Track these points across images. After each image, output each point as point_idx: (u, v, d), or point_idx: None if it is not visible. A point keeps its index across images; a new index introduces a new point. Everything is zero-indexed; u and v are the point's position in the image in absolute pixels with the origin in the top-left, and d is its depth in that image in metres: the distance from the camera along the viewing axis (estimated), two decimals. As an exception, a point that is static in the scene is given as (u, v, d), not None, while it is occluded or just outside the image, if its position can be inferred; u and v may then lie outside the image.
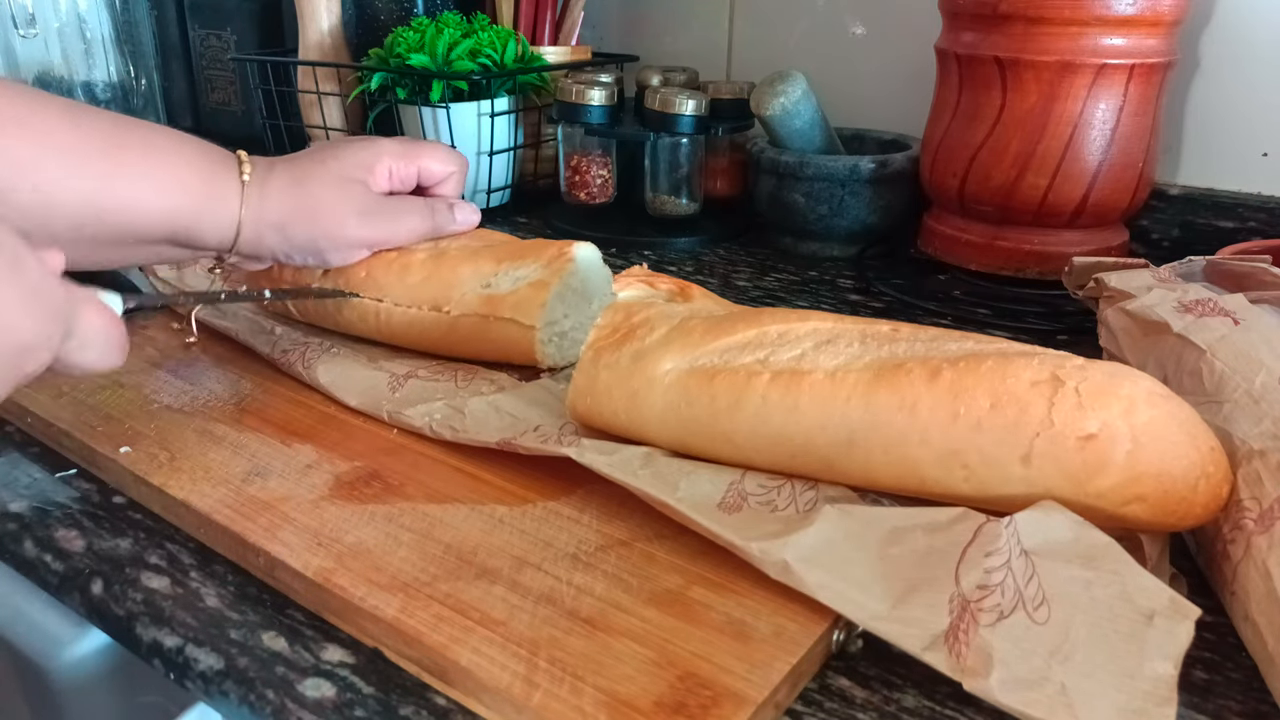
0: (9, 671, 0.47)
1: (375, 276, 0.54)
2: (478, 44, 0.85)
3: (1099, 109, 0.63)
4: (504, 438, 0.44)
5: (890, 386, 0.38)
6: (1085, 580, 0.32)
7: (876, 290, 0.72)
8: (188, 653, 0.35)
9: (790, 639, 0.33)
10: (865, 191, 0.77)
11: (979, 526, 0.34)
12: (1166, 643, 0.30)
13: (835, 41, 0.93)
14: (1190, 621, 0.30)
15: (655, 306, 0.46)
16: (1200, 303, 0.46)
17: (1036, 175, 0.65)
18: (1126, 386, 0.35)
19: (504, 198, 0.92)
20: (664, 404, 0.41)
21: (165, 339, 0.58)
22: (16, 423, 0.51)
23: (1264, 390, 0.39)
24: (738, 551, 0.36)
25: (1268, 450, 0.36)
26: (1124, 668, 0.30)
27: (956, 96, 0.69)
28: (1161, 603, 0.31)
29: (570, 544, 0.38)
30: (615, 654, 0.32)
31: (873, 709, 0.33)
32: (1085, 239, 0.68)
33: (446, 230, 0.56)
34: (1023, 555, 0.33)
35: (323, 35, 0.94)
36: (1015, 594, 0.32)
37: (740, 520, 0.38)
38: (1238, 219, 0.75)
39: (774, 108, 0.77)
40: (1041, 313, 0.66)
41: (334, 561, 0.37)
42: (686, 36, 1.03)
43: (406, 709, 0.32)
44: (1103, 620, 0.31)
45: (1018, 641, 0.31)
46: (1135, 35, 0.62)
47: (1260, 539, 0.34)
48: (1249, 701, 0.33)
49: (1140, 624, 0.30)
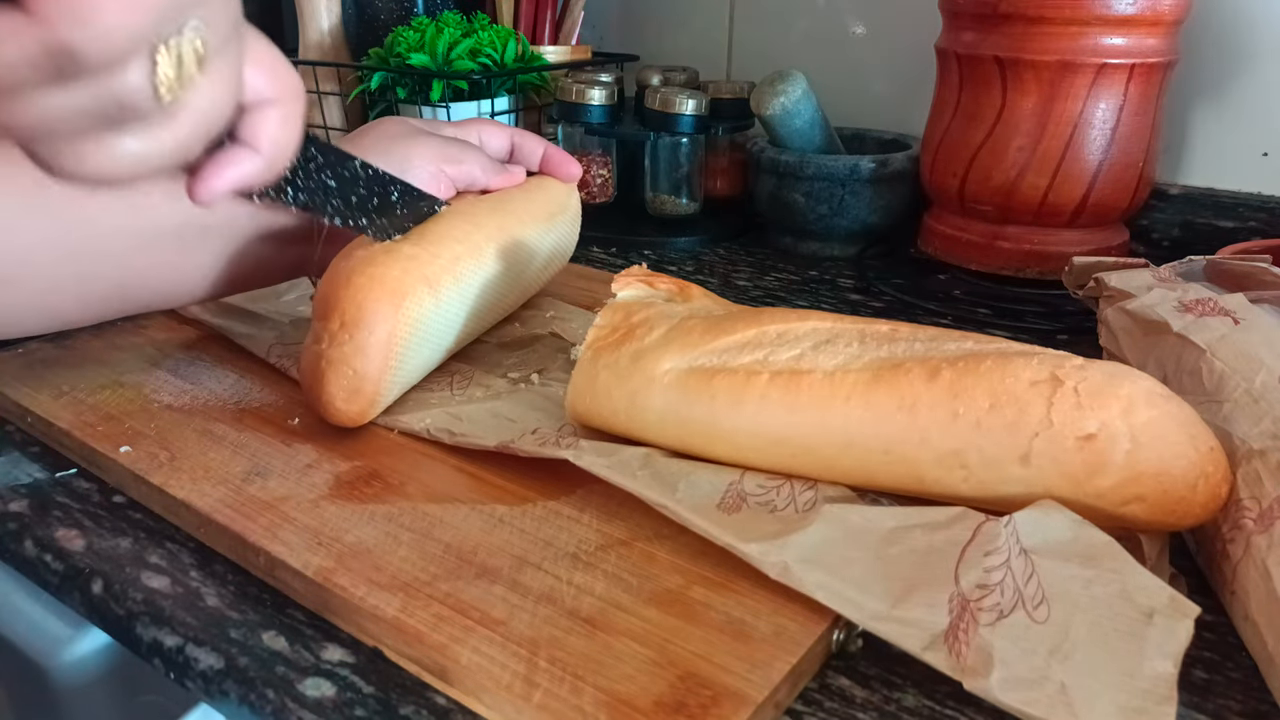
0: (8, 671, 0.47)
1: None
2: (478, 43, 0.85)
3: (1099, 108, 0.63)
4: (502, 441, 0.44)
5: (889, 386, 0.38)
6: (1085, 579, 0.32)
7: (877, 290, 0.72)
8: (188, 652, 0.35)
9: (790, 639, 0.33)
10: (865, 191, 0.77)
11: (978, 526, 0.34)
12: (1166, 641, 0.30)
13: (835, 41, 0.93)
14: (1190, 620, 0.30)
15: (654, 306, 0.46)
16: (1200, 302, 0.46)
17: (1037, 175, 0.65)
18: (1126, 386, 0.35)
19: (504, 197, 0.91)
20: (663, 404, 0.41)
21: (165, 338, 0.58)
22: (17, 422, 0.51)
23: (1264, 390, 0.39)
24: (737, 553, 0.36)
25: (1267, 450, 0.36)
26: (1124, 666, 0.30)
27: (957, 96, 0.69)
28: (1161, 601, 0.31)
29: (570, 543, 0.38)
30: (615, 653, 0.32)
31: (873, 708, 0.33)
32: (1085, 239, 0.68)
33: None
34: (1022, 554, 0.33)
35: (323, 35, 0.94)
36: (1015, 593, 0.32)
37: (739, 521, 0.38)
38: (1238, 219, 0.75)
39: (774, 107, 0.77)
40: (1041, 312, 0.66)
41: (334, 561, 0.37)
42: (687, 36, 1.03)
43: (407, 708, 0.33)
44: (1102, 619, 0.31)
45: (1017, 640, 0.31)
46: (1135, 35, 0.62)
47: (1260, 538, 0.34)
48: (1249, 701, 0.33)
49: (1140, 623, 0.30)
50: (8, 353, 0.56)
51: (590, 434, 0.44)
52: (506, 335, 0.58)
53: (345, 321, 0.44)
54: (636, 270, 0.50)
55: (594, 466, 0.40)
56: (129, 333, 0.59)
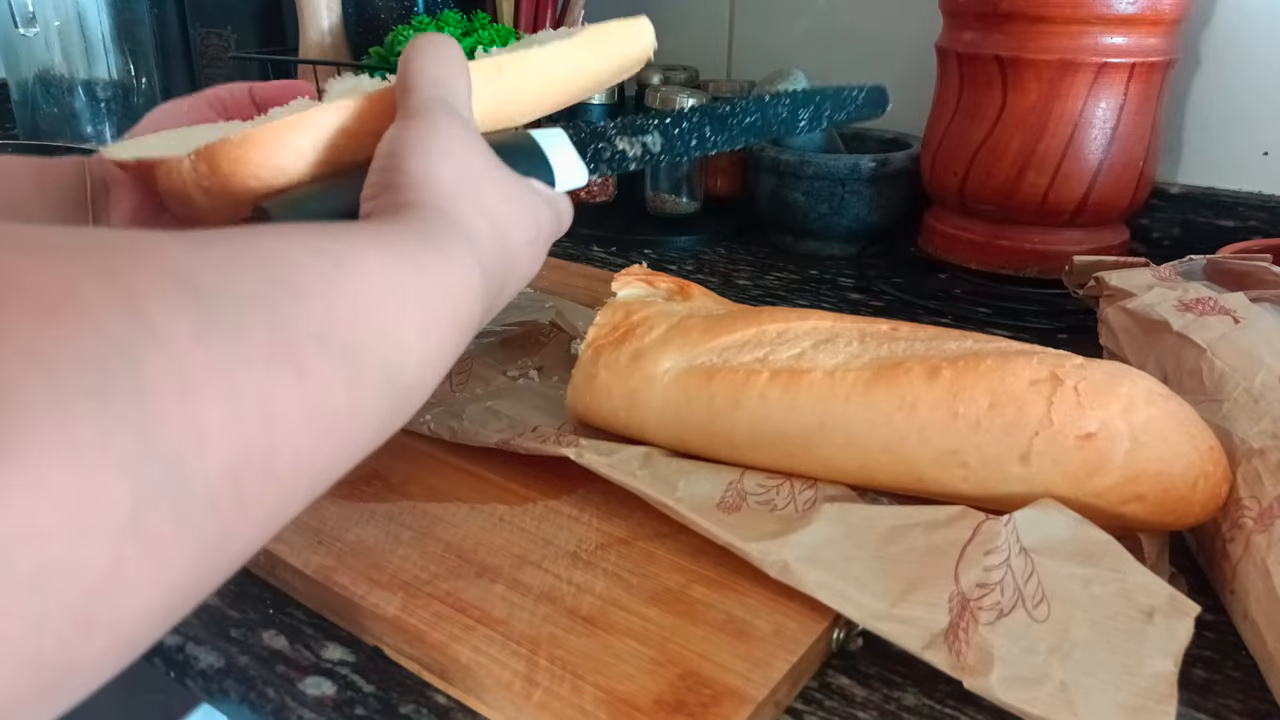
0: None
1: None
2: (478, 42, 0.85)
3: (1099, 108, 0.63)
4: (503, 438, 0.44)
5: (889, 385, 0.38)
6: (1085, 578, 0.32)
7: (877, 289, 0.72)
8: (188, 651, 0.35)
9: (790, 637, 0.33)
10: (866, 190, 0.77)
11: (978, 525, 0.34)
12: (1166, 640, 0.30)
13: (835, 40, 0.93)
14: (1190, 618, 0.30)
15: (654, 305, 0.46)
16: (1200, 301, 0.46)
17: (1037, 174, 0.65)
18: (1125, 386, 0.35)
19: (504, 196, 0.91)
20: (663, 403, 0.41)
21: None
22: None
23: (1264, 389, 0.39)
24: (737, 551, 0.36)
25: (1267, 449, 0.36)
26: (1124, 665, 0.30)
27: (957, 95, 0.69)
28: (1161, 600, 0.31)
29: (570, 542, 0.38)
30: (615, 652, 0.32)
31: (873, 707, 0.33)
32: (1086, 238, 0.68)
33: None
34: (1022, 553, 0.33)
35: (323, 34, 0.94)
36: (1015, 592, 0.32)
37: (739, 520, 0.38)
38: (1238, 218, 0.75)
39: (774, 106, 0.77)
40: (1042, 311, 0.66)
41: (334, 559, 0.37)
42: (687, 35, 1.03)
43: (407, 707, 0.33)
44: (1103, 618, 0.31)
45: (1018, 639, 0.31)
46: (1136, 34, 0.62)
47: (1259, 538, 0.34)
48: (1249, 700, 0.33)
49: (1140, 621, 0.31)
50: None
51: (590, 432, 0.44)
52: (507, 331, 0.58)
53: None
54: (636, 269, 0.50)
55: (595, 464, 0.40)
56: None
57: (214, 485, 0.18)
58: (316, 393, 0.21)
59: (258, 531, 0.20)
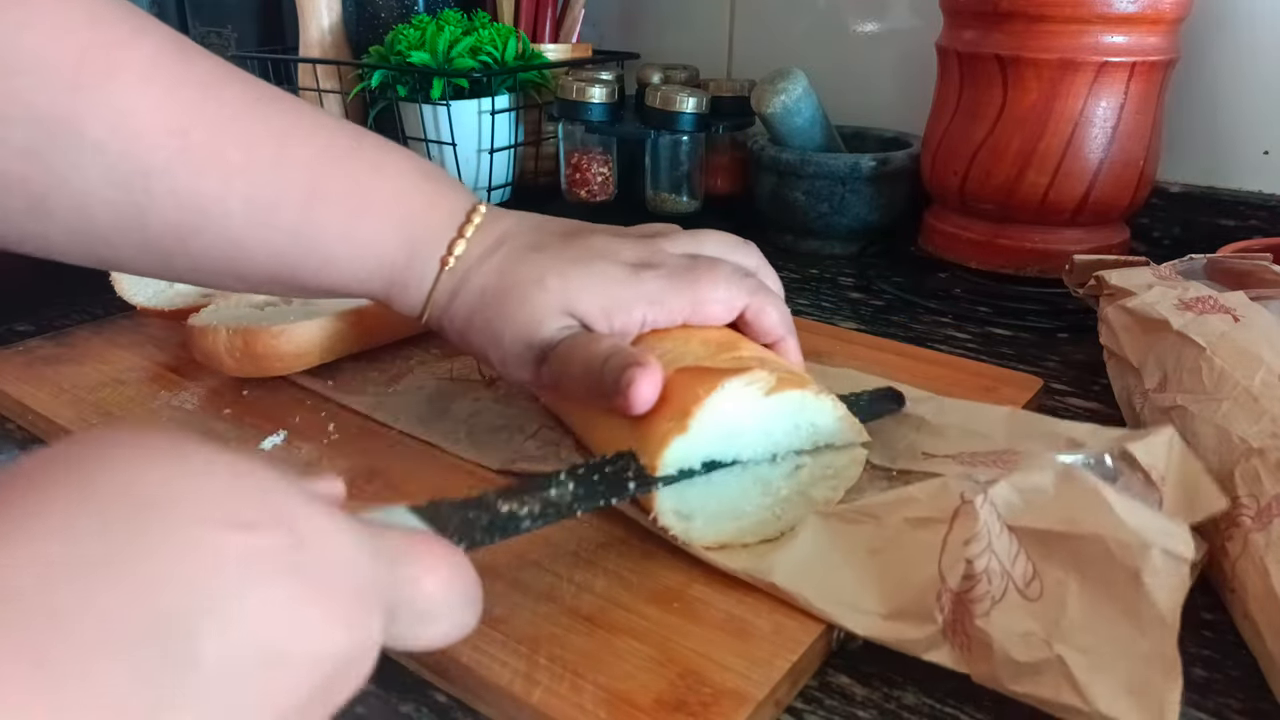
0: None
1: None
2: (478, 41, 0.85)
3: (1100, 107, 0.63)
4: (504, 460, 0.44)
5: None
6: (1071, 548, 0.30)
7: (877, 288, 0.72)
8: (189, 650, 0.35)
9: (790, 636, 0.33)
10: (866, 189, 0.77)
11: (956, 508, 0.33)
12: (1163, 596, 0.29)
13: (836, 39, 0.93)
14: (1186, 565, 0.29)
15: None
16: (1200, 300, 0.46)
17: (1037, 173, 0.65)
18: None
19: (505, 195, 0.92)
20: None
21: (165, 336, 0.58)
22: (17, 420, 0.51)
23: (1263, 388, 0.39)
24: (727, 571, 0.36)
25: (1266, 448, 0.36)
26: (1124, 636, 0.29)
27: (957, 94, 0.69)
28: (1150, 560, 0.29)
29: (571, 541, 0.38)
30: (616, 651, 0.32)
31: (873, 706, 0.33)
32: (1086, 237, 0.68)
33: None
34: (1004, 532, 0.32)
35: (323, 32, 0.94)
36: (1003, 576, 0.31)
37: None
38: (1239, 217, 0.75)
39: (775, 105, 0.77)
40: (1042, 310, 0.66)
41: (335, 559, 0.37)
42: (687, 34, 1.03)
43: (407, 706, 0.33)
44: (1096, 587, 0.30)
45: (1015, 625, 0.30)
46: (1136, 33, 0.62)
47: (1257, 536, 0.34)
48: (1250, 699, 0.33)
49: (1132, 587, 0.29)
50: (8, 350, 0.56)
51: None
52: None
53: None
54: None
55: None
56: (129, 331, 0.59)
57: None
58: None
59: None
